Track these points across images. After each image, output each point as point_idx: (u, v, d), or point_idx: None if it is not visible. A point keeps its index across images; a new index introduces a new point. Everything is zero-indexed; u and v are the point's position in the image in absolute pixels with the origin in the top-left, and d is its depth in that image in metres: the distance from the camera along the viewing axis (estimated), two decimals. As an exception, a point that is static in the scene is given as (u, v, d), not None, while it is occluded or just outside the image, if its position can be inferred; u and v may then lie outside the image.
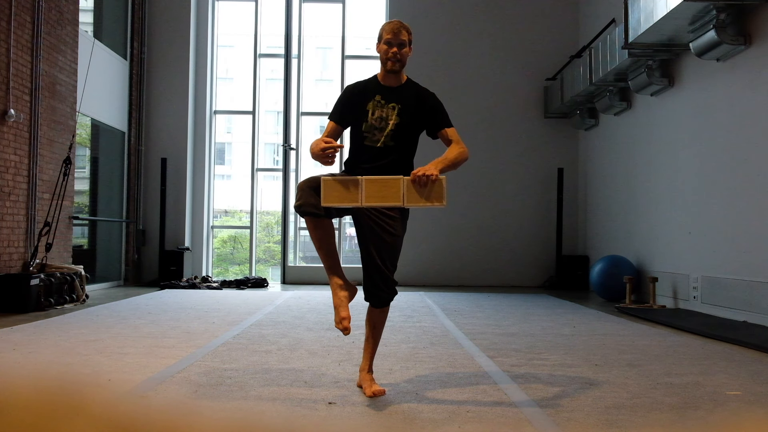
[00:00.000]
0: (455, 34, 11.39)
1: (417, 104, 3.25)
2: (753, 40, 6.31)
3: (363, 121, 3.22)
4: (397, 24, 3.22)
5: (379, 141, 3.20)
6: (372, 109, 3.22)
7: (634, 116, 9.08)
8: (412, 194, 2.97)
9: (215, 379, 3.51)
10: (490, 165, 11.28)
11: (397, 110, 3.21)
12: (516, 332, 5.54)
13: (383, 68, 3.25)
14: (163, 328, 5.51)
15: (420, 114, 3.25)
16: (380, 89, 3.26)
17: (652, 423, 2.78)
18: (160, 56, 11.17)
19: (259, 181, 11.90)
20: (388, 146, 3.20)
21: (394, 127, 3.20)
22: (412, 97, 3.26)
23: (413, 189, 2.97)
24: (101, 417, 0.53)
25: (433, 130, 3.29)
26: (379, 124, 3.20)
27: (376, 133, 3.20)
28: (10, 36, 7.06)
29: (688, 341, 5.13)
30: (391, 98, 3.23)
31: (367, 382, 3.23)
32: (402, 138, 3.22)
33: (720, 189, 6.84)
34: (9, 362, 4.00)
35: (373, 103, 3.23)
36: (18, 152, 7.24)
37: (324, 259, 3.19)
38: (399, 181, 2.99)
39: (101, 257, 10.08)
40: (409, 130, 3.24)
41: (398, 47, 3.19)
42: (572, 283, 10.51)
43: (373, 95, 3.24)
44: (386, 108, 3.22)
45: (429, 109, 3.27)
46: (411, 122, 3.23)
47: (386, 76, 3.26)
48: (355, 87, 3.34)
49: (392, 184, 2.99)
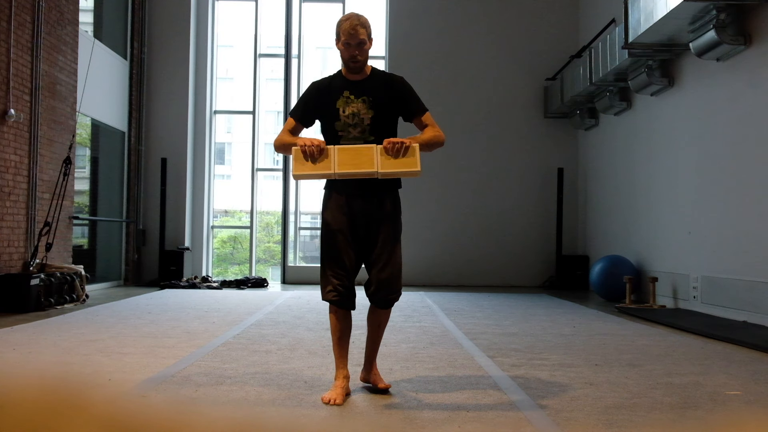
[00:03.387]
0: (455, 34, 11.38)
1: (387, 93, 3.21)
2: (753, 40, 6.31)
3: (335, 120, 3.18)
4: (354, 23, 3.11)
5: (358, 138, 3.15)
6: (342, 107, 3.17)
7: (634, 116, 9.08)
8: (386, 161, 2.96)
9: (215, 379, 3.51)
10: (490, 165, 11.28)
11: (369, 103, 3.16)
12: (516, 332, 5.54)
13: (345, 67, 3.22)
14: (163, 328, 5.51)
15: (392, 102, 3.21)
16: (347, 85, 3.20)
17: (652, 423, 2.78)
18: (160, 56, 11.17)
19: (259, 181, 11.90)
20: (369, 141, 3.15)
21: (371, 121, 3.16)
22: (381, 87, 3.21)
23: (386, 157, 2.96)
24: (102, 416, 0.53)
25: (408, 117, 3.27)
26: (353, 120, 3.16)
27: (352, 131, 3.16)
28: (10, 36, 7.06)
29: (688, 341, 5.13)
30: (359, 92, 3.18)
31: (380, 376, 3.37)
32: (380, 130, 3.18)
33: (720, 189, 6.84)
34: (9, 362, 4.00)
35: (343, 100, 3.17)
36: (18, 152, 7.24)
37: (338, 348, 3.22)
38: (372, 149, 2.97)
39: (101, 257, 10.08)
40: (385, 121, 3.21)
41: (357, 47, 3.13)
42: (572, 283, 10.51)
43: (341, 92, 3.19)
44: (357, 103, 3.16)
45: (400, 96, 3.23)
46: (385, 112, 3.20)
47: (350, 72, 3.22)
48: (321, 84, 3.29)
49: (365, 152, 2.97)
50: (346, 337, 3.24)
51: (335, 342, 3.23)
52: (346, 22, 3.13)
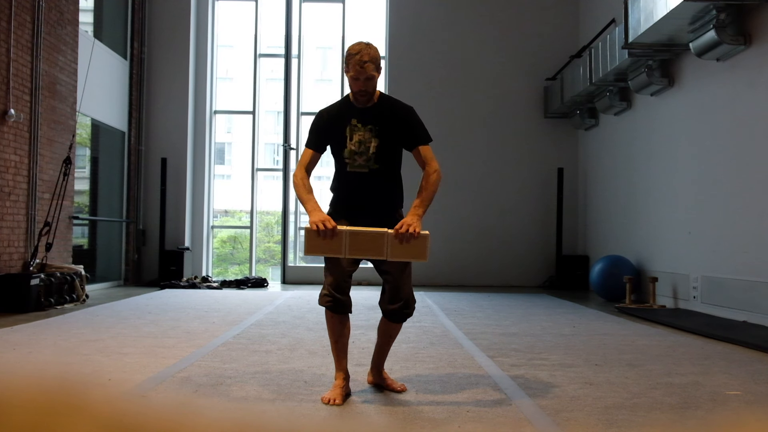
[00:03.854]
0: (455, 34, 11.38)
1: (393, 122, 3.20)
2: (753, 40, 6.31)
3: (342, 147, 3.19)
4: (364, 58, 3.06)
5: (363, 166, 3.17)
6: (350, 135, 3.17)
7: (634, 116, 9.08)
8: (395, 249, 3.01)
9: (215, 379, 3.51)
10: (490, 165, 11.28)
11: (375, 132, 3.17)
12: (516, 332, 5.54)
13: (353, 96, 3.19)
14: (163, 328, 5.51)
15: (398, 131, 3.21)
16: (355, 112, 3.19)
17: (652, 423, 2.78)
18: (160, 56, 11.17)
19: (259, 181, 11.90)
20: (373, 170, 3.17)
21: (376, 150, 3.16)
22: (388, 116, 3.20)
23: (396, 243, 2.99)
24: (102, 416, 0.53)
25: (409, 146, 3.25)
26: (359, 148, 3.16)
27: (357, 158, 3.17)
28: (10, 36, 7.06)
29: (688, 341, 5.13)
30: (367, 120, 3.17)
31: (391, 378, 3.42)
32: (385, 158, 3.19)
33: (720, 189, 6.84)
34: (9, 362, 4.00)
35: (350, 127, 3.17)
36: (18, 152, 7.24)
37: (337, 351, 3.23)
38: (383, 236, 3.00)
39: (101, 257, 10.08)
40: (390, 149, 3.21)
41: (365, 82, 3.10)
42: (572, 283, 10.51)
43: (349, 119, 3.18)
44: (364, 131, 3.17)
45: (406, 126, 3.21)
46: (391, 141, 3.20)
47: (358, 100, 3.20)
48: (329, 112, 3.28)
49: (377, 239, 3.00)
50: (344, 340, 3.24)
51: (333, 345, 3.25)
52: (356, 56, 3.07)
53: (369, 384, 3.45)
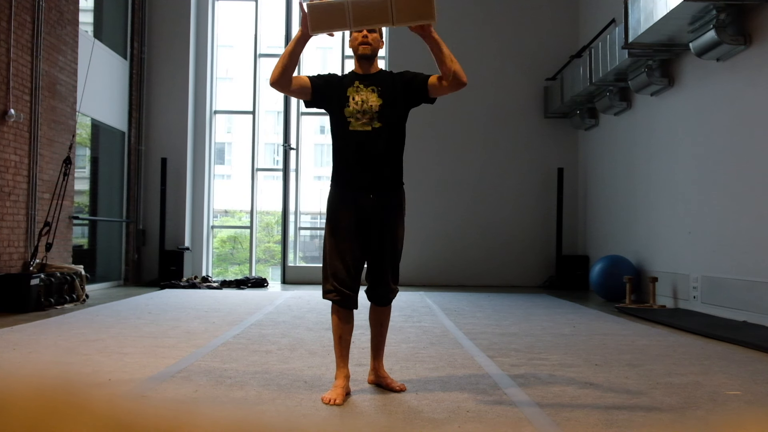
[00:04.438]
0: (455, 34, 11.37)
1: (395, 83, 3.29)
2: (753, 40, 6.31)
3: (345, 106, 3.24)
4: None
5: (367, 124, 3.22)
6: (352, 95, 3.25)
7: (634, 116, 9.08)
8: (401, 12, 2.93)
9: (215, 379, 3.51)
10: (490, 165, 11.28)
11: (378, 92, 3.25)
12: (516, 332, 5.54)
13: (356, 57, 3.30)
14: (163, 328, 5.51)
15: (401, 90, 3.28)
16: (357, 77, 3.31)
17: (652, 423, 2.78)
18: (160, 56, 11.17)
19: (259, 181, 11.90)
20: (376, 128, 3.22)
21: (379, 108, 3.22)
22: (389, 79, 3.31)
23: (401, 6, 2.92)
24: (102, 416, 0.53)
25: (423, 89, 3.27)
26: (362, 107, 3.23)
27: (360, 117, 3.22)
28: (10, 36, 7.06)
29: (688, 341, 5.13)
30: (369, 83, 3.28)
31: (391, 377, 3.41)
32: (389, 118, 3.24)
33: (720, 189, 6.84)
34: (9, 362, 4.00)
35: (353, 88, 3.26)
36: (18, 152, 7.24)
37: (339, 348, 3.24)
38: (386, 0, 2.93)
39: (101, 257, 10.08)
40: (393, 110, 3.26)
41: (369, 34, 3.23)
42: (572, 283, 10.51)
43: (352, 82, 3.29)
44: (366, 91, 3.25)
45: (407, 80, 3.30)
46: (394, 102, 3.27)
47: (361, 66, 3.31)
48: (335, 74, 3.40)
49: (380, 4, 2.94)
50: (347, 337, 3.25)
51: (336, 341, 3.25)
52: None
53: (369, 384, 3.45)
